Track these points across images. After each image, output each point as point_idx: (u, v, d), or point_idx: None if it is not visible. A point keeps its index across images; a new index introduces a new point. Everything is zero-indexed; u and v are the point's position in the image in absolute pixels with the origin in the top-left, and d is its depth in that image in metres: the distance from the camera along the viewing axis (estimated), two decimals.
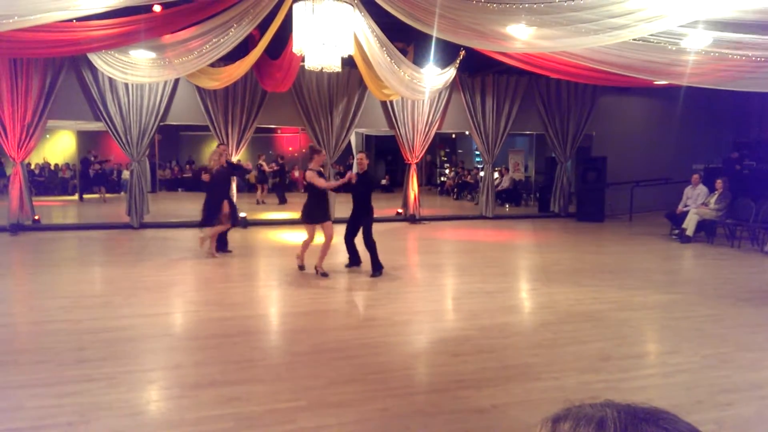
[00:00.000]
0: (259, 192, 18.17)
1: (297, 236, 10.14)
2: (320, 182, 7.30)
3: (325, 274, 7.42)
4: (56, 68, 10.88)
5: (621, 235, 11.78)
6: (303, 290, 6.82)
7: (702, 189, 11.01)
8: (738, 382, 4.17)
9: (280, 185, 18.11)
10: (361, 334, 5.29)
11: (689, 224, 10.54)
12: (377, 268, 7.44)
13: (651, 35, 6.59)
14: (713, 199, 10.63)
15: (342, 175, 13.06)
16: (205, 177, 8.50)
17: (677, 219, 10.98)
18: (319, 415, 3.55)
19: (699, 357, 4.69)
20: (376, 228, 7.82)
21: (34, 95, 10.75)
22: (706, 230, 10.67)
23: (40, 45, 8.77)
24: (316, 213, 7.42)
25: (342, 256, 8.21)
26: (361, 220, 7.55)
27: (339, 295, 6.69)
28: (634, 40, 6.72)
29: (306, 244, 7.68)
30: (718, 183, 10.62)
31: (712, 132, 15.15)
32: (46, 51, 9.38)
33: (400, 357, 4.66)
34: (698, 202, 10.89)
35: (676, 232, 10.92)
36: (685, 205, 11.07)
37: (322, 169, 7.77)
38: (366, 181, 7.60)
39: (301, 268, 7.72)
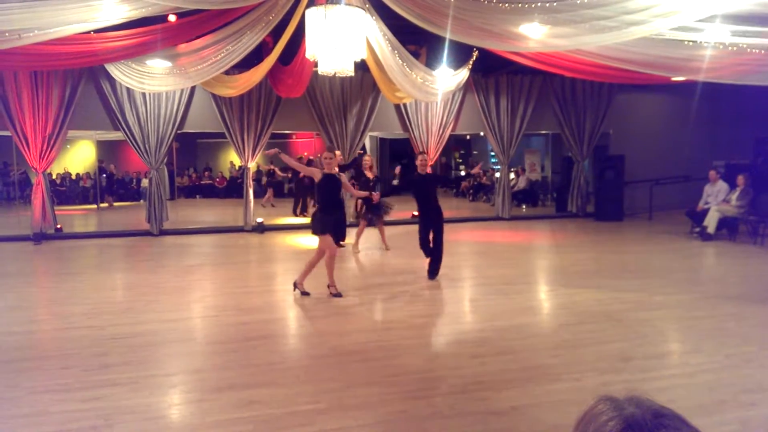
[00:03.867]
0: (267, 196, 18.13)
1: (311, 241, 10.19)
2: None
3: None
4: (75, 79, 11.09)
5: (641, 234, 11.64)
6: (320, 294, 6.84)
7: (722, 185, 10.84)
8: (762, 381, 4.10)
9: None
10: (378, 336, 5.29)
11: (710, 222, 10.38)
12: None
13: (667, 30, 6.51)
14: (735, 196, 10.46)
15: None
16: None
17: (698, 217, 10.82)
18: (338, 418, 3.56)
19: (722, 356, 4.62)
20: (392, 231, 7.83)
21: (55, 106, 10.97)
22: (728, 227, 10.49)
23: (60, 57, 8.95)
24: None
25: (363, 259, 8.23)
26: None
27: (356, 299, 6.71)
28: (650, 35, 6.65)
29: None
30: (740, 179, 10.44)
31: (733, 128, 14.89)
32: (66, 63, 9.57)
33: (418, 359, 4.66)
34: (719, 198, 10.71)
35: (697, 230, 10.76)
36: (706, 203, 10.90)
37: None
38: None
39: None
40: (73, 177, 20.35)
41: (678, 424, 0.76)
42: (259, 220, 12.50)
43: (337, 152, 9.44)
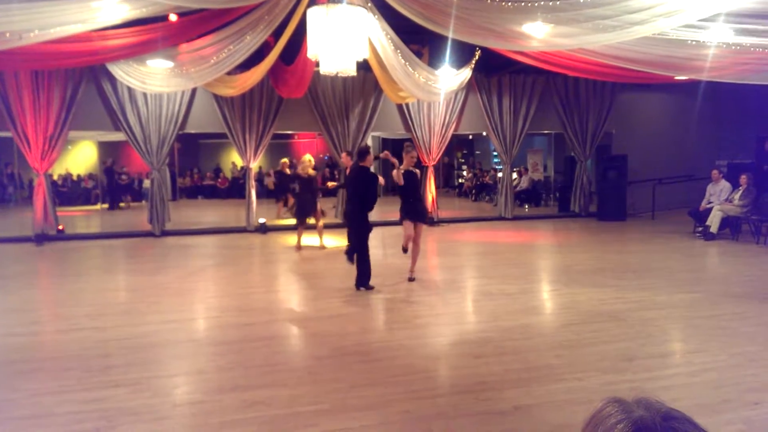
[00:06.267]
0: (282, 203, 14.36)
1: (313, 241, 10.19)
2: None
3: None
4: (76, 80, 11.09)
5: (644, 233, 11.61)
6: (323, 295, 6.83)
7: (725, 185, 10.81)
8: (766, 380, 4.08)
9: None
10: (382, 337, 5.28)
11: (713, 221, 10.36)
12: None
13: (670, 29, 6.49)
14: (737, 195, 10.43)
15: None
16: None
17: (701, 216, 10.79)
18: (341, 419, 3.55)
19: (725, 356, 4.60)
20: (395, 231, 7.83)
21: (56, 107, 10.97)
22: (731, 227, 10.47)
23: (60, 56, 8.97)
24: None
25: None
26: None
27: (359, 299, 6.69)
28: (653, 35, 6.63)
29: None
30: (743, 178, 10.41)
31: (736, 127, 14.85)
32: (66, 62, 9.58)
33: (421, 359, 4.65)
34: (722, 198, 10.69)
35: (700, 229, 10.73)
36: (709, 202, 10.87)
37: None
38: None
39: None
40: (75, 178, 20.37)
41: (688, 427, 0.74)
42: (262, 220, 12.50)
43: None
